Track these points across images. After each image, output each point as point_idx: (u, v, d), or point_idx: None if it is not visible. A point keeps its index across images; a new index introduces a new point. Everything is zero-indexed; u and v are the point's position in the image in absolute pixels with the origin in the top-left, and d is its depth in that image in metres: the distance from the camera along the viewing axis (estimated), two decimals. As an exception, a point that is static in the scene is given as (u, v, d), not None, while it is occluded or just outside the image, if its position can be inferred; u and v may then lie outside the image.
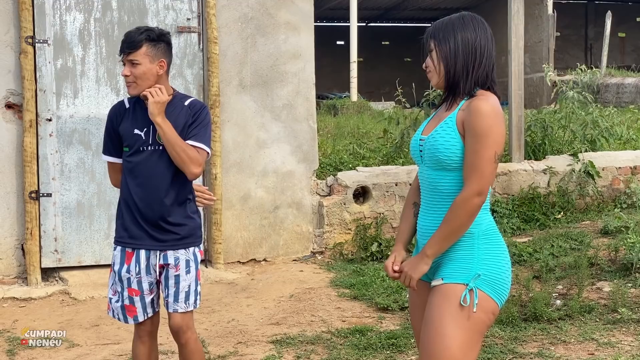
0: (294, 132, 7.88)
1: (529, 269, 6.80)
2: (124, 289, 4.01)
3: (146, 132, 3.91)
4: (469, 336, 3.05)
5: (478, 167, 3.03)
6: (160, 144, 3.88)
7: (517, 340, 5.35)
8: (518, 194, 8.46)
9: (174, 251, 3.97)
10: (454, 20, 3.20)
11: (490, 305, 3.09)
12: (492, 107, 3.06)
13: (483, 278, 3.07)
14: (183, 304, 4.00)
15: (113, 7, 7.31)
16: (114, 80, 7.32)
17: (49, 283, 7.22)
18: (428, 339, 3.07)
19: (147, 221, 3.94)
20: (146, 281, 3.99)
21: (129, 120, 3.97)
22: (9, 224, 7.22)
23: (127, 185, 3.97)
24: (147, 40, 3.87)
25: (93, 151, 7.28)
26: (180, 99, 4.02)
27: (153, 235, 3.95)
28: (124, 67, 3.90)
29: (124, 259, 4.01)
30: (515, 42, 8.53)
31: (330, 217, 7.93)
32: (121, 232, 4.03)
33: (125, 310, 4.04)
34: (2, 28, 7.13)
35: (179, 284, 3.98)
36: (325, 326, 5.87)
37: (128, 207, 3.98)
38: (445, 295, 3.07)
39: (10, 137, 7.19)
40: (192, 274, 4.01)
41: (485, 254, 3.12)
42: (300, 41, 7.89)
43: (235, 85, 7.67)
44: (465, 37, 3.16)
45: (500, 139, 3.06)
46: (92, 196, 7.31)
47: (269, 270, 7.58)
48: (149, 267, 3.99)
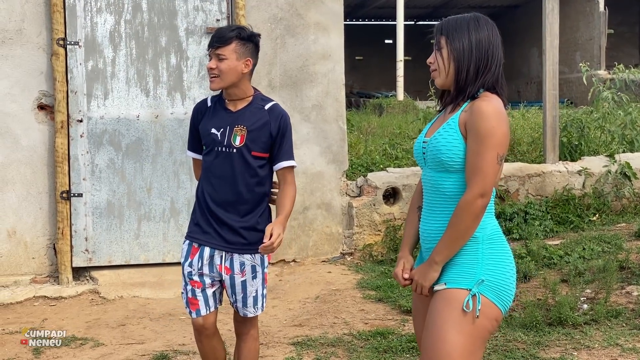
0: (324, 133, 7.87)
1: (558, 272, 6.70)
2: (187, 282, 4.07)
3: (222, 132, 3.94)
4: (471, 342, 3.01)
5: (481, 168, 2.99)
6: (235, 147, 3.91)
7: (539, 345, 5.28)
8: (552, 195, 8.35)
9: (239, 255, 3.99)
10: (469, 21, 3.15)
11: (493, 311, 3.05)
12: (494, 109, 3.02)
13: (487, 284, 3.03)
14: (252, 309, 4.07)
15: (143, 9, 7.37)
16: (144, 81, 7.37)
17: (79, 282, 7.30)
18: (429, 344, 3.04)
19: (216, 220, 3.98)
20: (208, 276, 4.03)
21: (208, 119, 4.02)
22: (41, 224, 7.32)
23: (202, 182, 4.05)
24: (237, 37, 3.91)
25: (123, 152, 7.35)
26: (260, 100, 4.03)
27: (221, 235, 3.98)
28: (210, 60, 3.93)
29: (189, 253, 4.06)
30: (550, 42, 8.41)
31: (360, 218, 7.90)
32: (192, 227, 4.09)
33: (189, 304, 4.10)
34: (34, 30, 7.23)
35: (246, 290, 4.02)
36: (347, 328, 5.85)
37: (200, 204, 4.05)
38: (448, 300, 3.04)
39: (43, 137, 7.29)
40: (258, 279, 4.05)
41: (490, 259, 3.07)
42: (330, 42, 7.87)
43: (264, 85, 7.68)
44: (479, 39, 3.12)
45: (503, 140, 3.02)
46: (122, 196, 7.38)
47: (297, 271, 7.58)
48: (212, 265, 4.02)
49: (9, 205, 7.26)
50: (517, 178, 8.37)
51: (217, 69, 3.88)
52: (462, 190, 3.07)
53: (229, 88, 3.94)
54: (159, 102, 7.40)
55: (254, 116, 3.96)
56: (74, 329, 6.13)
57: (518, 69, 28.62)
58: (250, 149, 3.94)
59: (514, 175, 8.37)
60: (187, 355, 5.43)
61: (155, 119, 7.40)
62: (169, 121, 7.33)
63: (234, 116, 3.96)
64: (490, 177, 3.00)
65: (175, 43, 7.43)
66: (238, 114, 3.97)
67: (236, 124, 3.94)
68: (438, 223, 3.14)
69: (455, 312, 3.01)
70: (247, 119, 3.95)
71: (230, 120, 3.96)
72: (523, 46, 27.91)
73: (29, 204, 7.29)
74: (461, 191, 3.07)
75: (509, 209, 8.04)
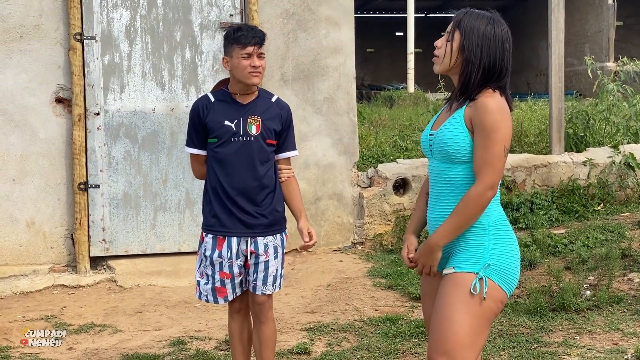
0: (335, 125, 8.04)
1: (563, 260, 6.86)
2: (215, 272, 4.27)
3: (237, 123, 4.18)
4: (477, 323, 3.17)
5: (489, 162, 3.15)
6: (252, 135, 4.16)
7: (543, 330, 5.45)
8: (557, 186, 8.51)
9: (263, 237, 4.22)
10: (485, 19, 3.27)
11: (499, 294, 3.21)
12: (497, 104, 3.18)
13: (493, 267, 3.19)
14: (271, 287, 4.29)
15: (158, 4, 7.54)
16: (159, 75, 7.56)
17: (97, 271, 7.50)
18: (438, 324, 3.20)
19: (239, 209, 4.19)
20: (236, 265, 4.24)
21: (218, 112, 4.22)
22: (59, 215, 7.52)
23: (217, 174, 4.22)
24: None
25: (139, 144, 7.54)
26: (265, 93, 4.34)
27: (244, 222, 4.19)
28: (252, 58, 4.12)
29: (215, 245, 4.25)
30: (556, 35, 8.55)
31: (371, 208, 8.08)
32: (211, 220, 4.28)
33: (216, 292, 4.31)
34: (52, 25, 7.41)
35: (268, 269, 4.25)
36: (358, 315, 6.04)
37: (218, 195, 4.23)
38: (456, 283, 3.20)
39: (61, 130, 7.48)
40: (279, 259, 4.30)
41: (496, 244, 3.23)
42: (341, 36, 8.04)
43: (277, 79, 7.86)
44: (492, 42, 3.24)
45: (507, 133, 3.18)
46: (138, 188, 7.57)
47: (309, 260, 7.76)
48: (239, 252, 4.23)
49: (28, 197, 7.46)
50: (524, 169, 8.52)
51: (261, 67, 4.15)
52: (468, 180, 3.23)
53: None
54: (174, 96, 7.59)
55: (265, 107, 4.26)
56: (93, 316, 6.33)
57: (528, 61, 28.66)
58: (265, 137, 4.21)
59: (521, 166, 8.52)
60: (203, 341, 5.62)
61: (170, 112, 7.59)
62: (184, 114, 7.50)
63: (246, 108, 4.22)
64: (499, 169, 3.17)
65: (189, 38, 7.61)
66: (249, 105, 4.23)
67: (250, 115, 4.20)
68: (444, 212, 3.29)
69: (463, 294, 3.17)
70: (259, 109, 4.23)
71: (243, 111, 4.21)
72: (533, 38, 27.95)
73: (47, 195, 7.49)
74: (467, 181, 3.23)
75: (515, 199, 8.19)
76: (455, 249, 3.28)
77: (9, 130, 7.42)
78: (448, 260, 3.30)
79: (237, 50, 4.13)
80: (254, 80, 4.15)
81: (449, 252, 3.30)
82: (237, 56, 4.13)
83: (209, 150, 4.28)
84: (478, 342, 3.19)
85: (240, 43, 4.12)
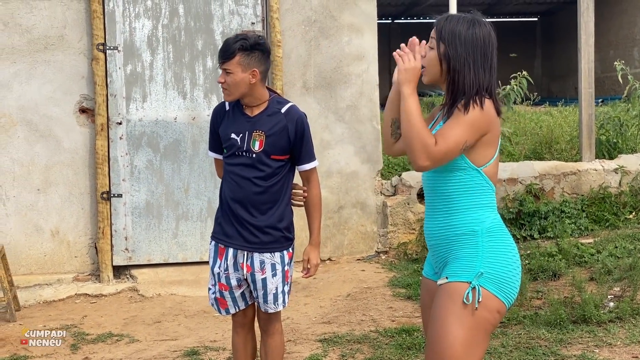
0: (358, 133, 7.97)
1: (588, 271, 6.72)
2: (216, 283, 4.22)
3: (241, 137, 4.05)
4: (473, 334, 3.07)
5: (448, 138, 3.04)
6: (254, 152, 4.04)
7: (562, 343, 5.32)
8: (588, 193, 8.34)
9: (259, 254, 4.12)
10: (467, 24, 3.18)
11: (494, 303, 3.11)
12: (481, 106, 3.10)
13: (487, 276, 3.09)
14: (272, 305, 4.18)
15: (180, 13, 7.55)
16: (181, 84, 7.56)
17: (119, 280, 7.52)
18: (432, 336, 3.12)
19: (237, 221, 4.10)
20: (234, 277, 4.15)
21: (227, 123, 4.13)
22: (83, 224, 7.56)
23: (224, 184, 4.18)
24: (240, 49, 3.97)
25: (161, 153, 7.54)
26: (276, 104, 4.13)
27: (242, 235, 4.11)
28: (220, 74, 4.04)
29: (216, 254, 4.21)
30: (585, 40, 8.41)
31: (394, 217, 7.99)
32: (216, 228, 4.24)
33: (218, 303, 4.26)
34: (75, 36, 7.46)
35: (267, 287, 4.13)
36: (374, 325, 5.96)
37: (222, 204, 4.18)
38: (449, 293, 3.11)
39: (84, 140, 7.52)
40: (278, 276, 4.15)
41: (489, 252, 3.13)
42: (364, 43, 7.97)
43: (299, 87, 7.82)
44: (476, 44, 3.16)
45: (476, 132, 3.08)
46: (160, 197, 7.57)
47: (332, 269, 7.69)
48: (237, 265, 4.14)
49: (52, 206, 7.51)
50: (553, 176, 8.37)
51: (226, 83, 4.00)
52: (460, 187, 3.15)
53: (242, 98, 4.06)
54: (196, 105, 7.58)
55: (271, 121, 4.07)
56: (112, 325, 6.33)
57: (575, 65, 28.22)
58: (269, 153, 4.05)
59: (549, 173, 8.38)
60: (217, 352, 5.58)
61: (192, 121, 7.58)
62: (206, 123, 7.48)
63: (252, 121, 4.07)
64: (451, 152, 3.05)
65: (211, 46, 7.60)
66: (255, 119, 4.07)
67: (254, 130, 4.05)
68: (439, 220, 3.22)
69: (457, 305, 3.08)
70: (264, 124, 4.05)
71: (249, 125, 4.06)
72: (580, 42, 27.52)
73: (71, 205, 7.53)
74: (459, 188, 3.15)
75: (544, 207, 8.05)
76: (449, 258, 3.19)
77: (34, 140, 7.48)
78: (443, 269, 3.22)
79: None
80: (224, 97, 4.07)
81: (443, 261, 3.22)
82: None
83: (223, 159, 4.23)
84: (475, 353, 3.09)
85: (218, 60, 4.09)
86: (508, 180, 8.28)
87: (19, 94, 7.44)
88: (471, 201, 3.16)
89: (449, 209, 3.18)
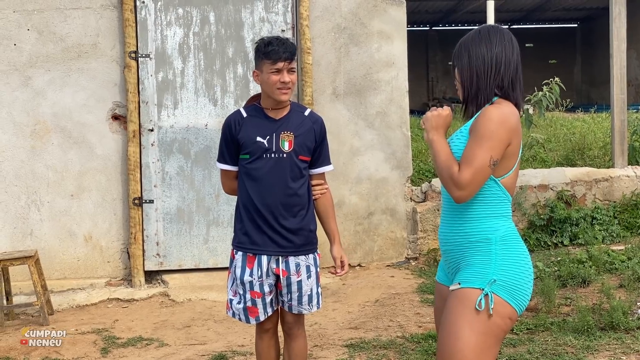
0: (388, 140, 7.99)
1: (618, 278, 6.68)
2: (246, 291, 4.18)
3: (269, 139, 4.09)
4: (483, 340, 3.09)
5: (469, 161, 3.08)
6: (285, 152, 4.09)
7: (589, 349, 5.29)
8: (620, 200, 8.29)
9: (294, 257, 4.15)
10: (470, 37, 3.28)
11: (506, 310, 3.13)
12: (500, 114, 3.11)
13: (499, 283, 3.11)
14: (307, 306, 4.23)
15: (211, 21, 7.63)
16: (212, 91, 7.64)
17: (151, 285, 7.60)
18: (443, 341, 3.15)
19: (269, 227, 4.10)
20: (267, 284, 4.16)
21: (250, 128, 4.14)
22: (115, 229, 7.66)
23: (248, 191, 4.14)
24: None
25: (192, 160, 7.63)
26: (297, 107, 4.23)
27: (275, 241, 4.12)
28: (282, 74, 4.04)
29: (245, 263, 4.18)
30: (617, 46, 8.36)
31: (424, 223, 8.00)
32: (242, 238, 4.20)
33: (247, 312, 4.23)
34: (108, 44, 7.58)
35: (302, 289, 4.18)
36: (401, 331, 5.97)
37: (249, 212, 4.15)
38: (461, 299, 3.14)
39: (117, 146, 7.63)
40: (312, 278, 4.21)
41: (503, 259, 3.15)
42: (393, 49, 7.99)
43: (328, 94, 7.86)
44: (479, 53, 3.23)
45: (499, 145, 3.09)
46: (191, 202, 7.65)
47: (361, 275, 7.72)
48: (270, 271, 4.15)
49: (85, 212, 7.63)
50: (584, 183, 8.33)
51: (291, 82, 4.07)
52: (475, 200, 3.17)
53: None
54: (227, 111, 7.65)
55: (298, 122, 4.14)
56: (142, 329, 6.42)
57: (614, 71, 27.98)
58: (298, 153, 4.11)
59: (581, 180, 8.33)
60: (245, 356, 5.63)
61: (222, 128, 7.65)
62: (236, 129, 7.56)
63: (278, 123, 4.11)
64: (478, 174, 3.08)
65: (241, 54, 7.67)
66: (282, 121, 4.12)
67: (282, 131, 4.10)
68: (454, 226, 3.25)
69: (468, 310, 3.10)
70: (291, 125, 4.12)
71: (275, 127, 4.11)
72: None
73: (103, 210, 7.64)
74: (474, 201, 3.17)
75: (575, 214, 8.01)
76: (462, 264, 3.22)
77: (68, 147, 7.60)
78: (455, 275, 3.25)
79: (267, 65, 4.04)
80: (282, 97, 4.06)
81: (456, 267, 3.25)
82: (267, 71, 4.05)
83: (241, 167, 4.19)
84: (485, 359, 3.12)
85: (270, 58, 4.03)
86: (539, 186, 8.25)
87: (53, 101, 7.57)
88: (486, 210, 3.19)
89: (464, 216, 3.21)
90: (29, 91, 7.56)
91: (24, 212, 7.56)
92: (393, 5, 7.99)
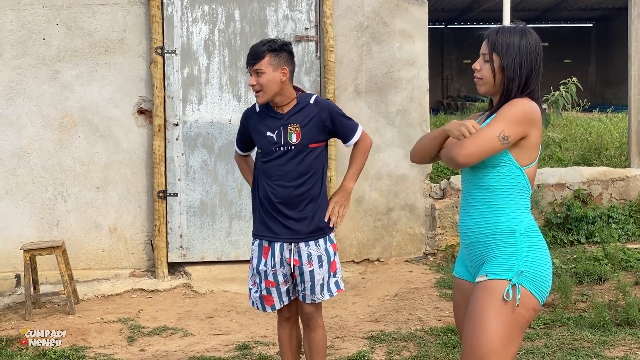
0: (408, 137, 8.11)
1: (634, 275, 6.79)
2: (262, 280, 4.40)
3: (277, 133, 4.27)
4: (510, 331, 3.19)
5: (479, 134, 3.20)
6: (293, 144, 4.25)
7: (605, 344, 5.42)
8: (636, 200, 8.39)
9: (306, 247, 4.31)
10: (518, 35, 3.35)
11: (531, 301, 3.24)
12: (524, 105, 3.25)
13: (526, 275, 3.22)
14: (319, 295, 4.38)
15: (236, 19, 7.78)
16: (236, 87, 7.79)
17: (174, 277, 7.76)
18: (470, 332, 3.23)
19: (283, 216, 4.29)
20: (280, 273, 4.34)
21: (260, 123, 4.35)
22: (139, 221, 7.82)
23: (263, 184, 4.35)
24: (269, 50, 4.24)
25: (216, 154, 7.78)
26: (304, 98, 4.37)
27: (286, 226, 4.30)
28: (250, 77, 4.27)
29: (261, 253, 4.41)
30: (635, 47, 8.46)
31: (442, 219, 8.12)
32: (259, 227, 4.43)
33: (263, 300, 4.44)
34: (135, 40, 7.73)
35: (314, 279, 4.33)
36: (420, 324, 6.11)
37: (263, 204, 4.36)
38: (489, 290, 3.23)
39: (142, 140, 7.79)
40: (324, 267, 4.36)
41: (528, 251, 3.25)
42: (415, 48, 8.12)
43: (350, 91, 8.00)
44: (528, 54, 3.32)
45: (513, 124, 3.20)
46: (215, 196, 7.80)
47: (380, 270, 7.85)
48: (283, 261, 4.33)
49: (110, 204, 7.79)
50: (600, 182, 8.44)
51: (258, 84, 4.22)
52: (502, 184, 3.28)
53: (274, 98, 4.28)
54: (250, 107, 7.79)
55: (303, 113, 4.31)
56: (166, 319, 6.57)
57: (632, 71, 27.99)
58: (306, 143, 4.29)
59: (597, 179, 8.44)
60: (267, 346, 5.78)
61: (246, 123, 7.79)
62: (259, 125, 7.70)
63: (285, 117, 4.30)
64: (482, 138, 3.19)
65: (265, 51, 7.80)
66: (288, 115, 4.31)
67: (289, 124, 4.28)
68: (478, 218, 3.34)
69: (496, 301, 3.20)
70: (298, 117, 4.29)
71: (283, 121, 4.29)
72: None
73: (128, 202, 7.80)
74: (501, 185, 3.28)
75: (591, 212, 8.12)
76: (488, 257, 3.31)
77: (94, 140, 7.76)
78: (480, 268, 3.34)
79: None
80: (257, 100, 4.29)
81: (481, 259, 3.34)
82: None
83: (257, 161, 4.45)
84: (510, 350, 3.21)
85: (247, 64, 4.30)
86: (556, 185, 8.37)
87: (81, 95, 7.73)
88: (512, 199, 3.29)
89: (491, 205, 3.30)
90: (57, 85, 7.72)
91: (50, 204, 7.73)
92: (415, 4, 8.11)
